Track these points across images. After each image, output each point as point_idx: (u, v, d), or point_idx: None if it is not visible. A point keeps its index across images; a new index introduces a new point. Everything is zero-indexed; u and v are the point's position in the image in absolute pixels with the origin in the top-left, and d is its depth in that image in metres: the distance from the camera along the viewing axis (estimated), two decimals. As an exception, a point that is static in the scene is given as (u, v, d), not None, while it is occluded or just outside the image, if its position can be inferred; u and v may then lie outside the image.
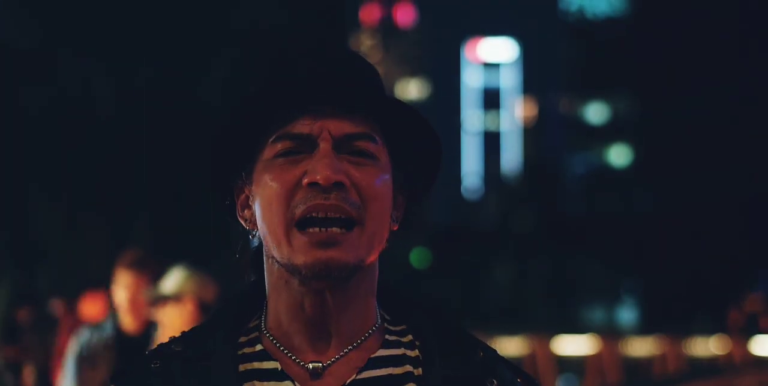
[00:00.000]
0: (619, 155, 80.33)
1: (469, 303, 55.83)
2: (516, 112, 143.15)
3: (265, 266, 1.60)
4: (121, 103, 26.71)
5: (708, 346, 22.55)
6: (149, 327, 4.78)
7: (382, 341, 1.60)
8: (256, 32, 28.37)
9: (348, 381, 1.56)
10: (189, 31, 27.90)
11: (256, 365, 1.56)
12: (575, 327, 37.48)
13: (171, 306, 4.31)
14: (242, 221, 1.62)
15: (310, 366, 1.55)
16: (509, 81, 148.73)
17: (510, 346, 21.04)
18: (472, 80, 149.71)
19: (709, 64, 68.25)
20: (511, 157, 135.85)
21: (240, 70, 26.16)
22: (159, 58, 27.51)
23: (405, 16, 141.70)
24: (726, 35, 68.39)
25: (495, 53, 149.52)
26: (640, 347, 22.77)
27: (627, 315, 68.05)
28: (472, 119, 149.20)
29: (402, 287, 1.76)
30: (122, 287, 4.79)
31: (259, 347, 1.59)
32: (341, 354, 1.57)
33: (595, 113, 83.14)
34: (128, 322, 4.82)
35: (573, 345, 21.56)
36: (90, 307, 7.67)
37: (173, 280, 4.35)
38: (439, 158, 1.65)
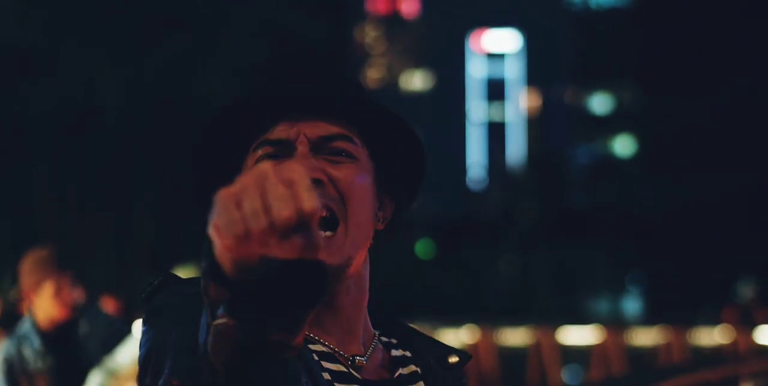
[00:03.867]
0: (623, 146, 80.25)
1: (473, 294, 55.85)
2: (520, 103, 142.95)
3: None
4: (125, 98, 26.73)
5: (712, 336, 22.60)
6: (74, 313, 4.59)
7: (383, 343, 1.66)
8: (261, 28, 28.37)
9: (388, 378, 1.61)
10: (190, 26, 27.88)
11: (309, 346, 1.57)
12: (580, 318, 37.50)
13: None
14: None
15: (357, 359, 1.58)
16: (513, 72, 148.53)
17: (515, 337, 21.09)
18: (476, 71, 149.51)
19: (713, 54, 68.12)
20: (516, 148, 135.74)
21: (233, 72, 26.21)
22: (162, 55, 27.51)
23: (409, 7, 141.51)
24: (730, 25, 68.24)
25: (499, 44, 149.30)
26: (645, 337, 22.82)
27: (632, 305, 68.08)
28: (477, 110, 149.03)
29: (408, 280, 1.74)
30: (47, 286, 4.50)
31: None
32: (368, 353, 1.61)
33: (600, 103, 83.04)
34: (52, 314, 4.54)
35: (578, 336, 21.60)
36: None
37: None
38: (421, 161, 1.68)
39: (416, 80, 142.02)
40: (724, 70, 67.28)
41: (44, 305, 4.56)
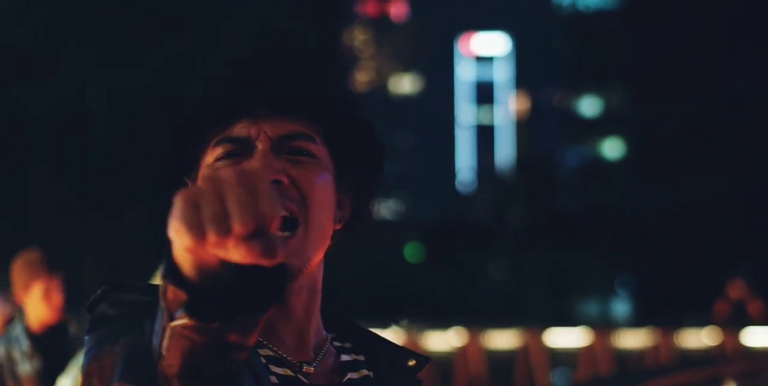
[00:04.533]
0: (612, 149, 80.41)
1: (463, 296, 55.85)
2: (509, 106, 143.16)
3: None
4: (123, 98, 26.72)
5: (700, 338, 22.63)
6: (64, 315, 4.60)
7: (335, 348, 1.65)
8: (262, 29, 28.38)
9: (337, 382, 1.60)
10: (190, 26, 27.88)
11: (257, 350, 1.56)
12: (570, 321, 37.54)
13: None
14: None
15: (304, 366, 1.57)
16: (502, 75, 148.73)
17: (503, 339, 21.10)
18: (465, 74, 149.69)
19: (702, 56, 68.27)
20: (505, 151, 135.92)
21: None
22: (162, 55, 27.52)
23: (399, 10, 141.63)
24: (719, 27, 68.41)
25: (488, 47, 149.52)
26: (633, 339, 22.84)
27: (621, 307, 68.18)
28: (466, 113, 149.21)
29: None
30: (36, 288, 4.50)
31: None
32: (318, 358, 1.60)
33: (589, 106, 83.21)
34: (42, 316, 4.53)
35: (566, 338, 21.62)
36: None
37: None
38: (381, 160, 1.68)
39: (405, 83, 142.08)
40: (713, 72, 67.44)
41: (34, 307, 4.55)
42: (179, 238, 1.10)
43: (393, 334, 19.45)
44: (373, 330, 1.72)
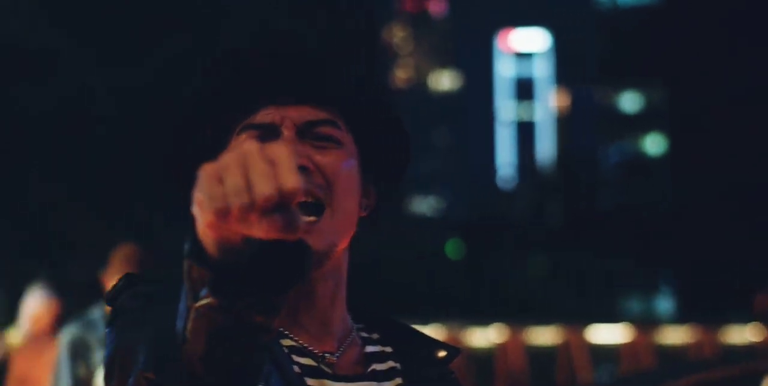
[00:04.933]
0: (653, 144, 80.00)
1: (502, 293, 55.79)
2: (549, 102, 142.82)
3: None
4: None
5: (744, 334, 22.48)
6: None
7: (361, 338, 1.64)
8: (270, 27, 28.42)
9: (361, 373, 1.59)
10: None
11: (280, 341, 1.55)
12: (612, 318, 37.44)
13: None
14: None
15: (327, 356, 1.56)
16: (542, 71, 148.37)
17: (544, 336, 21.06)
18: (504, 70, 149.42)
19: (741, 50, 67.84)
20: (545, 147, 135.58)
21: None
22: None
23: (437, 6, 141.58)
24: (758, 22, 67.93)
25: (527, 43, 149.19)
26: (676, 335, 22.73)
27: (664, 304, 67.86)
28: (506, 110, 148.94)
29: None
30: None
31: None
32: (342, 348, 1.59)
33: (629, 101, 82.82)
34: None
35: (608, 334, 21.54)
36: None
37: None
38: (406, 148, 1.67)
39: (444, 80, 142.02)
40: (752, 66, 66.96)
41: None
42: (202, 212, 1.10)
43: (433, 330, 19.45)
44: (405, 322, 1.71)
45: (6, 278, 25.83)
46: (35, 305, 6.34)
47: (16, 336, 6.61)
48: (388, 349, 1.64)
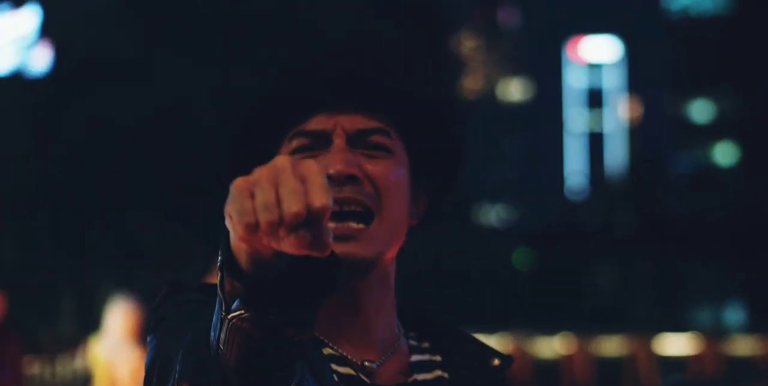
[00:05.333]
0: (724, 154, 79.13)
1: (571, 303, 55.49)
2: (620, 111, 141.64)
3: None
4: (216, 107, 26.92)
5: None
6: None
7: (409, 346, 1.62)
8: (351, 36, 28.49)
9: (402, 382, 1.57)
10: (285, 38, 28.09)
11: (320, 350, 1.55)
12: (681, 327, 37.10)
13: None
14: None
15: (366, 364, 1.55)
16: (613, 80, 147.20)
17: (611, 346, 20.99)
18: (574, 80, 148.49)
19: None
20: (616, 157, 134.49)
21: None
22: (254, 64, 27.73)
23: (506, 16, 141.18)
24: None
25: (598, 52, 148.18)
26: (745, 346, 22.52)
27: (734, 315, 67.04)
28: (576, 120, 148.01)
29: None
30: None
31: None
32: (384, 357, 1.57)
33: (700, 111, 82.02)
34: None
35: (676, 345, 21.41)
36: None
37: None
38: (458, 156, 1.65)
39: (514, 89, 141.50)
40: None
41: None
42: (233, 226, 1.12)
43: (500, 340, 19.45)
44: (464, 330, 1.70)
45: (76, 288, 26.13)
46: (121, 314, 6.50)
47: (100, 345, 6.74)
48: (437, 358, 1.63)
